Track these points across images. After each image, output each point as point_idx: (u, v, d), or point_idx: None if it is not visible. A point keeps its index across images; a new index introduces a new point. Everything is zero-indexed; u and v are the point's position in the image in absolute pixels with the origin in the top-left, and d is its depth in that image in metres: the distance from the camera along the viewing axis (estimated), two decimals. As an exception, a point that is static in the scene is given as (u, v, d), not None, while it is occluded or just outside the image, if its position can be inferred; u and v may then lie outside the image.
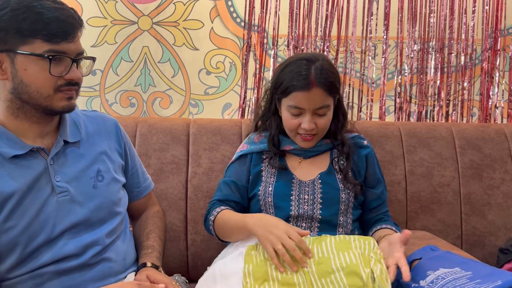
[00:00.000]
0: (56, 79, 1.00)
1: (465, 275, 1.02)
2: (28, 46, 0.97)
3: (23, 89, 1.00)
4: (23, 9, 0.96)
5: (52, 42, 0.98)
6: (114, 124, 1.22)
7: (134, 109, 2.24)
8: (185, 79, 2.24)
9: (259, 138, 1.38)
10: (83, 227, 1.07)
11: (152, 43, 2.21)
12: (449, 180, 1.57)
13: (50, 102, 1.01)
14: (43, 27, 0.96)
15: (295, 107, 1.25)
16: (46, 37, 0.97)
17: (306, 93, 1.22)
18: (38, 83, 0.99)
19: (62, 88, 1.01)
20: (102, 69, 2.21)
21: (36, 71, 0.98)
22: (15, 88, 1.00)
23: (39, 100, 1.01)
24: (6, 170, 1.01)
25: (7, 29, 0.96)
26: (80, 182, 1.08)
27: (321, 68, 1.23)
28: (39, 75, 0.98)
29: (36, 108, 1.02)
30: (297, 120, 1.26)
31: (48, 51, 0.98)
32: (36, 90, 0.99)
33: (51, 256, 1.02)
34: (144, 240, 1.23)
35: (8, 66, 0.99)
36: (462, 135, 1.63)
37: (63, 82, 1.01)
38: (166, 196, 1.49)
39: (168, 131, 1.57)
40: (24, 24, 0.96)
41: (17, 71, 0.98)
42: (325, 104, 1.24)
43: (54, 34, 0.97)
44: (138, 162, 1.30)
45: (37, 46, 0.97)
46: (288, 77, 1.25)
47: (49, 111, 1.04)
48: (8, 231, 1.00)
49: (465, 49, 2.00)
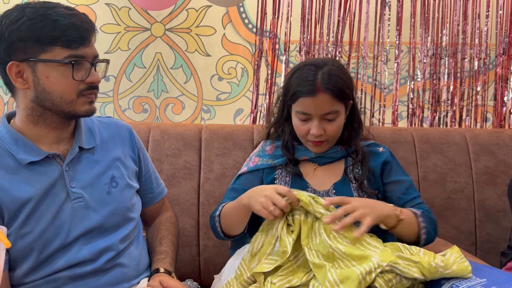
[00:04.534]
0: (78, 83, 1.02)
1: (480, 282, 1.00)
2: (48, 54, 0.99)
3: (45, 97, 1.01)
4: (40, 18, 0.98)
5: (71, 48, 0.99)
6: (128, 130, 1.23)
7: (147, 114, 2.26)
8: (197, 85, 2.26)
9: (271, 149, 1.34)
10: (97, 233, 1.08)
11: (165, 49, 2.23)
12: (462, 187, 1.55)
13: (73, 107, 1.03)
14: (61, 34, 0.98)
15: (302, 113, 1.24)
16: (65, 44, 0.99)
17: (312, 98, 1.21)
18: (61, 89, 1.01)
19: (84, 92, 1.04)
20: (115, 75, 2.24)
21: (58, 78, 1.00)
22: (37, 96, 1.02)
23: (63, 106, 1.02)
24: (23, 176, 1.03)
25: (26, 39, 0.98)
26: (95, 188, 1.09)
27: (329, 73, 1.22)
28: (61, 81, 1.00)
29: (58, 113, 1.04)
30: (306, 126, 1.25)
31: (68, 56, 0.99)
32: (59, 96, 1.01)
33: (66, 261, 1.04)
34: (157, 245, 1.23)
35: (29, 75, 1.00)
36: (476, 141, 1.61)
37: (84, 87, 1.03)
38: (178, 201, 1.50)
39: (181, 137, 1.58)
40: (42, 33, 0.97)
41: (39, 79, 1.00)
42: (333, 110, 1.23)
43: (72, 40, 0.99)
44: (152, 168, 1.31)
45: (57, 53, 0.99)
46: (295, 82, 1.25)
47: (72, 116, 1.06)
48: (24, 236, 1.02)
49: (479, 54, 1.98)
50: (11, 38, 0.98)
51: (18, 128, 1.06)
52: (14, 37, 0.98)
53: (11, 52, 0.99)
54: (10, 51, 0.99)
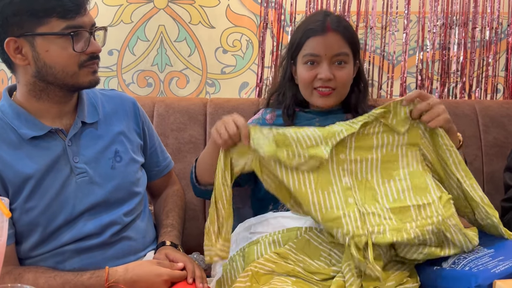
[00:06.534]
0: (79, 55, 0.99)
1: (487, 253, 1.00)
2: (45, 27, 0.96)
3: (47, 71, 0.99)
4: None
5: (68, 18, 0.96)
6: (132, 103, 1.22)
7: (151, 89, 2.24)
8: (202, 58, 2.22)
9: (272, 118, 1.30)
10: (102, 207, 1.08)
11: (168, 21, 2.19)
12: (471, 159, 1.53)
13: (76, 79, 1.01)
14: (56, 4, 0.95)
15: (310, 54, 1.19)
16: (60, 14, 0.96)
17: (322, 37, 1.18)
18: (62, 62, 0.99)
19: (86, 63, 1.01)
20: (118, 49, 2.21)
21: (58, 51, 0.98)
22: (39, 71, 1.00)
23: (66, 79, 1.00)
24: (25, 151, 1.02)
25: (21, 13, 0.95)
26: (98, 163, 1.09)
27: (338, 16, 1.25)
28: (62, 54, 0.98)
29: (62, 87, 1.02)
30: (313, 71, 1.19)
31: (66, 27, 0.97)
32: (61, 69, 0.99)
33: (72, 235, 1.04)
34: (164, 218, 1.24)
35: (28, 50, 0.98)
36: (486, 113, 1.59)
37: (85, 57, 1.01)
38: (184, 175, 1.49)
39: (185, 111, 1.57)
40: (36, 5, 0.95)
41: (38, 54, 0.98)
42: (342, 51, 1.19)
43: (68, 9, 0.96)
44: (158, 141, 1.29)
45: (54, 24, 0.96)
46: (303, 28, 1.22)
47: (76, 88, 1.04)
48: (29, 211, 1.02)
49: (490, 23, 1.93)
50: (5, 13, 0.95)
51: (20, 102, 1.05)
52: (8, 12, 0.95)
53: (7, 28, 0.96)
54: (5, 27, 0.96)
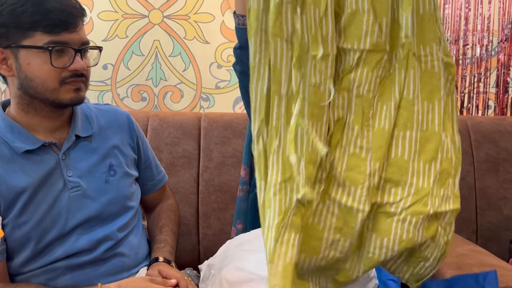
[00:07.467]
0: (60, 71, 0.98)
1: None
2: (30, 40, 0.96)
3: (28, 84, 0.99)
4: (21, 2, 0.95)
5: (53, 33, 0.96)
6: (127, 117, 1.21)
7: (146, 103, 2.24)
8: (196, 72, 2.23)
9: None
10: (96, 222, 1.07)
11: (163, 36, 2.20)
12: (464, 174, 1.54)
13: (56, 95, 1.00)
14: (42, 18, 0.95)
15: None
16: (46, 29, 0.95)
17: None
18: (42, 76, 0.97)
19: (68, 80, 0.99)
20: (113, 63, 2.21)
21: (39, 64, 0.96)
22: (21, 83, 0.99)
23: (46, 93, 0.99)
24: (19, 165, 1.01)
25: (7, 24, 0.95)
26: (92, 177, 1.08)
27: None
28: (42, 68, 0.97)
29: (44, 102, 1.01)
30: None
31: (49, 42, 0.96)
32: (41, 83, 0.98)
33: (64, 251, 1.03)
34: (157, 233, 1.23)
35: (12, 62, 0.98)
36: (478, 128, 1.60)
37: (68, 74, 0.99)
38: (177, 190, 1.49)
39: (180, 125, 1.57)
40: (23, 17, 0.94)
41: (21, 66, 0.97)
42: None
43: (53, 24, 0.95)
44: (152, 155, 1.29)
45: (38, 38, 0.95)
46: None
47: (57, 104, 1.02)
48: (21, 226, 1.00)
49: (481, 41, 1.96)
50: None
51: (12, 116, 1.04)
52: None
53: None
54: None
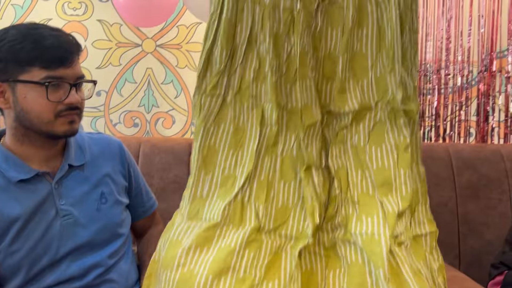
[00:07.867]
0: (55, 104, 1.02)
1: None
2: (27, 74, 1.00)
3: (24, 117, 1.03)
4: (20, 39, 1.00)
5: (49, 68, 1.00)
6: (119, 146, 1.25)
7: (138, 129, 2.28)
8: (188, 99, 2.29)
9: None
10: (86, 249, 1.09)
11: (156, 65, 2.26)
12: (446, 200, 1.59)
13: (51, 128, 1.04)
14: (39, 54, 1.00)
15: None
16: (43, 64, 1.00)
17: None
18: (37, 109, 1.02)
19: (63, 113, 1.04)
20: (106, 90, 2.26)
21: (35, 98, 1.01)
22: (17, 116, 1.03)
23: (41, 126, 1.03)
24: (12, 194, 1.04)
25: (6, 60, 1.00)
26: (84, 205, 1.11)
27: None
28: (37, 102, 1.01)
29: (39, 133, 1.05)
30: None
31: (46, 77, 1.00)
32: (36, 116, 1.02)
33: (55, 278, 1.05)
34: (146, 259, 1.24)
35: (10, 95, 1.02)
36: (459, 156, 1.65)
37: (63, 107, 1.03)
38: (168, 215, 1.49)
39: (171, 151, 1.60)
40: (21, 53, 0.99)
41: (17, 99, 1.02)
42: None
43: (50, 60, 1.00)
44: (143, 182, 1.32)
45: (35, 73, 1.00)
46: None
47: (52, 136, 1.06)
48: (13, 254, 1.03)
49: (462, 71, 2.04)
50: None
51: (8, 146, 1.08)
52: None
53: None
54: None
